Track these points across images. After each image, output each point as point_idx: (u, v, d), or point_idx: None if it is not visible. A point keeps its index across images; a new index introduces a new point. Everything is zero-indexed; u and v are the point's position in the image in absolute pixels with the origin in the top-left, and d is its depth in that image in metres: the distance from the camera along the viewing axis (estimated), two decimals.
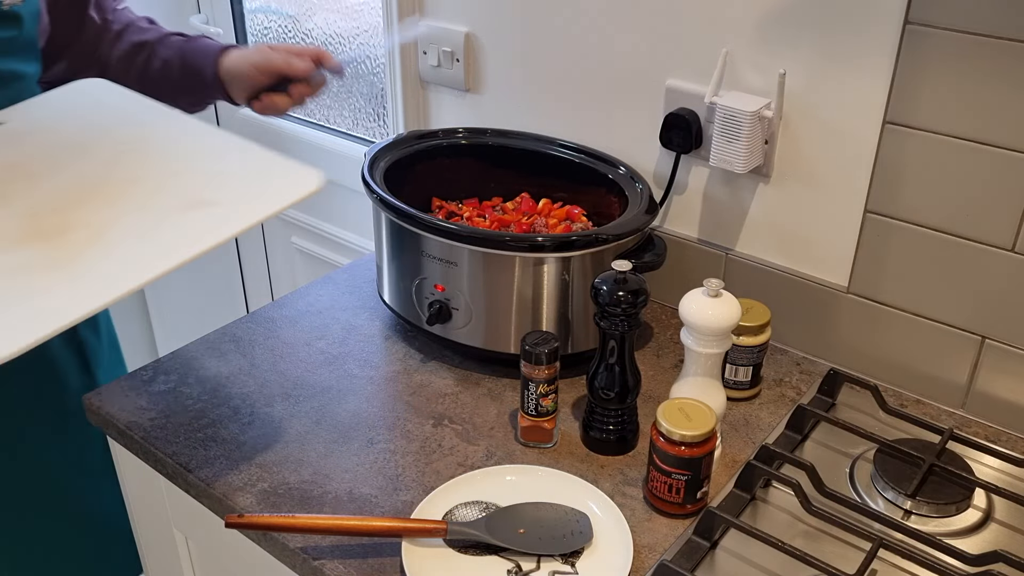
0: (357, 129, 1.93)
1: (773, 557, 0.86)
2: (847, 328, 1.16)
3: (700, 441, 0.88)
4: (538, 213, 1.26)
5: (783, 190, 1.16)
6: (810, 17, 1.05)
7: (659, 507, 0.93)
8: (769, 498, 0.96)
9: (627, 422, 1.02)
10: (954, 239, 1.04)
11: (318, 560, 0.87)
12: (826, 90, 1.07)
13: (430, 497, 0.92)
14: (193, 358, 1.17)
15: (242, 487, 0.96)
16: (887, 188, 1.06)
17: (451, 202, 1.31)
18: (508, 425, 1.06)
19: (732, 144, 1.11)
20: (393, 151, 1.27)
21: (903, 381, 1.13)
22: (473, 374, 1.15)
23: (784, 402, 1.11)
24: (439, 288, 1.12)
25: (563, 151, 1.30)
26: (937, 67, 0.98)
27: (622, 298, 0.95)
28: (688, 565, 0.85)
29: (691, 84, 1.18)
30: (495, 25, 1.36)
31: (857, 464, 1.00)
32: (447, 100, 1.48)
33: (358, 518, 0.90)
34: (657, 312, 1.29)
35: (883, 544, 0.86)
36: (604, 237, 1.08)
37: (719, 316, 0.95)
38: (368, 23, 1.79)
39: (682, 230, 1.28)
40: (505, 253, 1.07)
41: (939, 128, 1.00)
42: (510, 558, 0.87)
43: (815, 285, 1.17)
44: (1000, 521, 0.94)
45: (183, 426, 1.05)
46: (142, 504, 1.17)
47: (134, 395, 1.10)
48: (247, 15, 2.04)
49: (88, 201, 0.87)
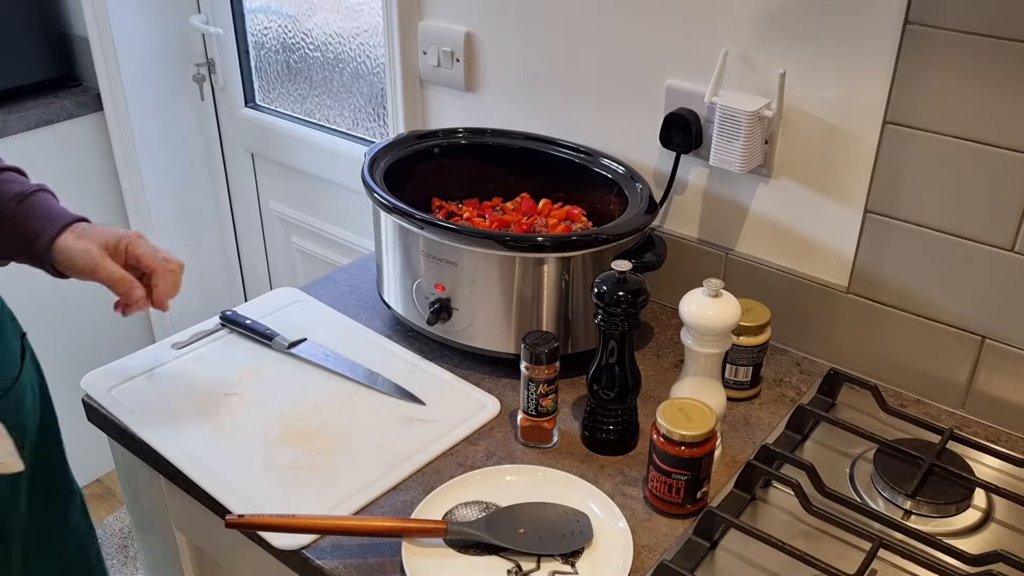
0: (357, 129, 1.93)
1: (773, 557, 0.86)
2: (847, 328, 1.16)
3: (700, 441, 0.88)
4: (538, 213, 1.26)
5: (783, 190, 1.16)
6: (810, 17, 1.05)
7: (659, 507, 0.93)
8: (769, 498, 0.96)
9: (627, 422, 1.02)
10: (954, 239, 1.04)
11: (318, 560, 0.87)
12: (826, 90, 1.07)
13: (430, 497, 0.92)
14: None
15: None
16: (887, 188, 1.06)
17: (451, 202, 1.31)
18: (508, 425, 1.06)
19: (732, 144, 1.11)
20: (393, 151, 1.27)
21: (903, 381, 1.13)
22: (473, 374, 1.15)
23: (784, 402, 1.11)
24: (439, 288, 1.12)
25: (563, 151, 1.30)
26: (937, 67, 0.98)
27: (622, 298, 0.95)
28: (688, 565, 0.85)
29: (691, 84, 1.18)
30: (495, 25, 1.36)
31: (857, 464, 1.00)
32: (447, 100, 1.48)
33: (358, 518, 0.91)
34: (657, 312, 1.29)
35: (883, 544, 0.86)
36: (604, 237, 1.08)
37: (719, 316, 0.95)
38: (368, 23, 1.79)
39: (682, 230, 1.28)
40: (505, 253, 1.07)
41: (939, 128, 1.00)
42: (510, 558, 0.87)
43: (815, 285, 1.17)
44: (1000, 521, 0.94)
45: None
46: (142, 504, 1.17)
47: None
48: (247, 15, 2.04)
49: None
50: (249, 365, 1.15)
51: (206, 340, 1.20)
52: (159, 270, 0.99)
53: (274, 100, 2.09)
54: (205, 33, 2.09)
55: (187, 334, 1.20)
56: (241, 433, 1.03)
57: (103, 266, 0.96)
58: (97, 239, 0.98)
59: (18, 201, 0.97)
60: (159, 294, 0.99)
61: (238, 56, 2.08)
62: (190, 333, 1.21)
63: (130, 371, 1.13)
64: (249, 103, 2.13)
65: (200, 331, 1.21)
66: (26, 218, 0.97)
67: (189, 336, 1.20)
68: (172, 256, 1.02)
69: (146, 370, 1.13)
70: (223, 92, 2.15)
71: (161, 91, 2.11)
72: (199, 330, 1.21)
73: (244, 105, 2.13)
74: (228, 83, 2.12)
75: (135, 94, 2.06)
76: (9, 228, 0.97)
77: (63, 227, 0.97)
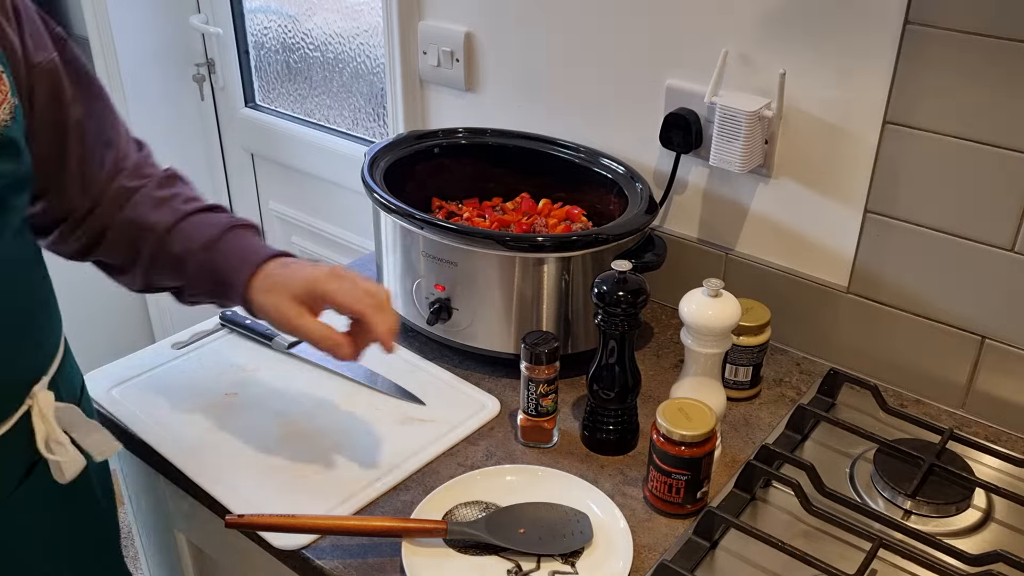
0: (357, 129, 1.93)
1: (773, 557, 0.86)
2: (847, 328, 1.16)
3: (700, 441, 0.88)
4: (538, 213, 1.26)
5: (783, 190, 1.16)
6: (810, 17, 1.05)
7: (659, 507, 0.93)
8: (769, 498, 0.96)
9: (627, 422, 1.02)
10: (954, 239, 1.04)
11: (318, 560, 0.87)
12: (826, 90, 1.07)
13: (430, 497, 0.92)
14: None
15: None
16: (887, 188, 1.06)
17: (451, 202, 1.31)
18: (508, 425, 1.06)
19: (732, 144, 1.11)
20: (393, 151, 1.27)
21: (903, 381, 1.13)
22: (473, 374, 1.15)
23: (784, 402, 1.11)
24: (439, 288, 1.12)
25: (563, 151, 1.30)
26: (937, 67, 0.98)
27: (622, 298, 0.95)
28: (688, 565, 0.85)
29: (691, 84, 1.18)
30: (495, 25, 1.36)
31: (857, 464, 1.00)
32: (447, 100, 1.48)
33: (358, 518, 0.91)
34: (657, 312, 1.29)
35: (883, 544, 0.86)
36: (604, 237, 1.08)
37: (719, 316, 0.95)
38: (368, 23, 1.79)
39: (682, 230, 1.28)
40: (505, 253, 1.07)
41: (939, 128, 1.00)
42: (510, 558, 0.87)
43: (815, 285, 1.17)
44: (1000, 521, 0.93)
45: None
46: (142, 504, 1.17)
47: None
48: (247, 15, 2.04)
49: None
50: (249, 365, 1.15)
51: (206, 340, 1.20)
52: (366, 312, 0.87)
53: (274, 100, 2.09)
54: (205, 33, 2.08)
55: (187, 334, 1.20)
56: (241, 433, 1.03)
57: (299, 326, 0.87)
58: (287, 290, 0.87)
59: (206, 249, 0.90)
60: (380, 338, 0.87)
61: (238, 56, 2.08)
62: (190, 333, 1.21)
63: (130, 371, 1.13)
64: (249, 103, 2.13)
65: (200, 331, 1.21)
66: (213, 271, 0.90)
67: (189, 336, 1.20)
68: (374, 286, 0.89)
69: (146, 370, 1.13)
70: (223, 92, 2.15)
71: (161, 91, 2.11)
72: (199, 330, 1.21)
73: (244, 105, 2.13)
74: (228, 83, 2.12)
75: (135, 94, 2.05)
76: (199, 280, 0.91)
77: (249, 278, 0.88)
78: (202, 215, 0.93)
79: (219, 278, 0.90)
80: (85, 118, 0.89)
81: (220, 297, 0.92)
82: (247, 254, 0.90)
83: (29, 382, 0.85)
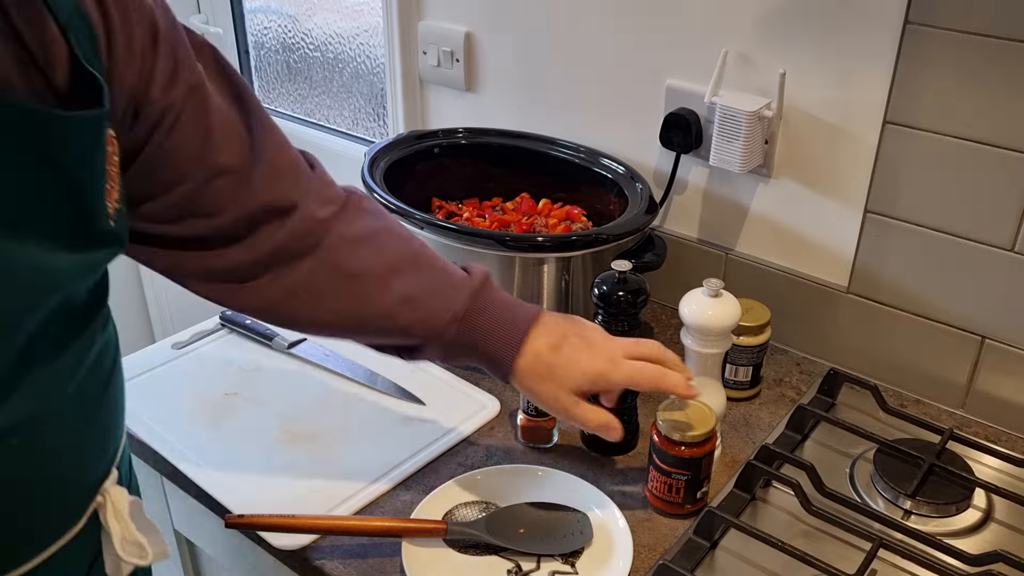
0: (357, 129, 1.93)
1: (773, 557, 0.86)
2: (847, 328, 1.16)
3: (700, 441, 0.88)
4: (538, 213, 1.26)
5: (783, 190, 1.16)
6: (810, 17, 1.05)
7: (659, 507, 0.93)
8: (769, 498, 0.96)
9: (627, 422, 1.02)
10: (954, 239, 1.04)
11: (318, 560, 0.87)
12: (826, 90, 1.07)
13: (430, 497, 0.92)
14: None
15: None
16: (887, 188, 1.06)
17: (451, 202, 1.31)
18: (508, 425, 1.06)
19: (732, 144, 1.11)
20: (393, 151, 1.27)
21: (903, 381, 1.13)
22: (473, 374, 1.15)
23: (784, 402, 1.11)
24: None
25: (563, 151, 1.30)
26: (937, 67, 0.98)
27: (622, 298, 0.95)
28: (688, 565, 0.85)
29: (691, 84, 1.18)
30: (495, 25, 1.36)
31: (857, 464, 1.00)
32: (447, 100, 1.48)
33: (358, 518, 0.91)
34: (657, 312, 1.29)
35: (883, 544, 0.86)
36: (604, 237, 1.08)
37: (719, 316, 0.95)
38: (368, 23, 1.79)
39: (682, 230, 1.28)
40: (505, 253, 1.07)
41: (939, 128, 1.00)
42: (510, 558, 0.87)
43: (815, 285, 1.17)
44: (1000, 521, 0.93)
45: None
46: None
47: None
48: (247, 15, 2.04)
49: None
50: (249, 365, 1.15)
51: (206, 340, 1.20)
52: (662, 384, 0.83)
53: (274, 100, 2.09)
54: (205, 33, 2.09)
55: (187, 334, 1.20)
56: (241, 433, 1.03)
57: (576, 415, 0.83)
58: (568, 383, 0.82)
59: (457, 321, 0.81)
60: (682, 395, 0.84)
61: (238, 56, 2.08)
62: (190, 333, 1.21)
63: (130, 371, 1.13)
64: None
65: (200, 331, 1.21)
66: (469, 348, 0.82)
67: (189, 336, 1.20)
68: (649, 349, 0.84)
69: (146, 370, 1.13)
70: None
71: None
72: (199, 330, 1.21)
73: None
74: None
75: None
76: (451, 355, 0.84)
77: (512, 359, 0.81)
78: (446, 288, 0.83)
79: (477, 356, 0.83)
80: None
81: (476, 365, 0.85)
82: (504, 330, 0.82)
83: (100, 477, 0.74)
